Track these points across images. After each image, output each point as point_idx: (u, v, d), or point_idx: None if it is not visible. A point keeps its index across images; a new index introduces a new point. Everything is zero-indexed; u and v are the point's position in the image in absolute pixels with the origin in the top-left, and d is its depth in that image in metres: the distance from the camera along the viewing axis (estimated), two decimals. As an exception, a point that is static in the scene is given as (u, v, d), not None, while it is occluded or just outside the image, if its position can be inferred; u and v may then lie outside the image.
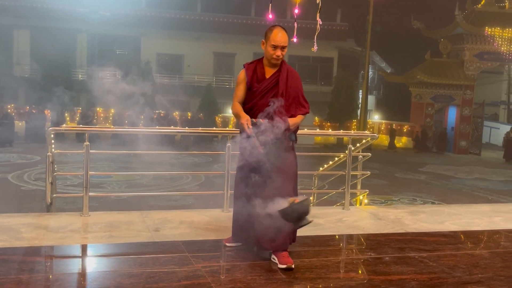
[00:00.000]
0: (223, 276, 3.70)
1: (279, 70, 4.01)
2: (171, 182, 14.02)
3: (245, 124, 3.77)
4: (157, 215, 5.28)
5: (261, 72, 4.00)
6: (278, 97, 3.92)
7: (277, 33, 3.90)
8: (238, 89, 4.04)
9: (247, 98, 4.00)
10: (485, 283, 3.78)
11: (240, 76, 4.05)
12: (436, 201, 13.53)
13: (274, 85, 3.97)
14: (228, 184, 5.58)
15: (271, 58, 3.95)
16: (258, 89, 3.96)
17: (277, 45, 3.89)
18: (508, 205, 8.07)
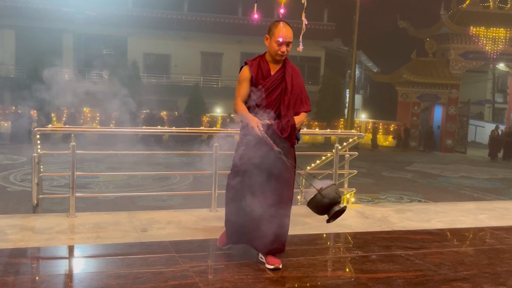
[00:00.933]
0: (211, 276, 3.70)
1: (284, 66, 3.90)
2: (158, 182, 13.97)
3: (255, 128, 3.62)
4: (145, 216, 5.27)
5: (266, 68, 3.86)
6: (285, 94, 3.83)
7: (282, 29, 3.75)
8: (241, 87, 3.85)
9: (252, 96, 3.85)
10: (470, 280, 3.82)
11: (243, 73, 3.86)
12: (422, 199, 13.63)
13: (280, 81, 3.86)
14: (216, 184, 5.59)
15: (275, 54, 3.82)
16: (265, 86, 3.82)
17: (282, 41, 3.76)
18: (493, 202, 8.15)
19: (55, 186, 12.52)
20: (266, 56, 3.89)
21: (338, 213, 3.67)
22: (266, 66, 3.86)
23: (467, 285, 3.71)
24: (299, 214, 5.64)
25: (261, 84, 3.81)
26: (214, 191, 5.54)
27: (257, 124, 3.64)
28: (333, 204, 3.63)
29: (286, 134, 3.75)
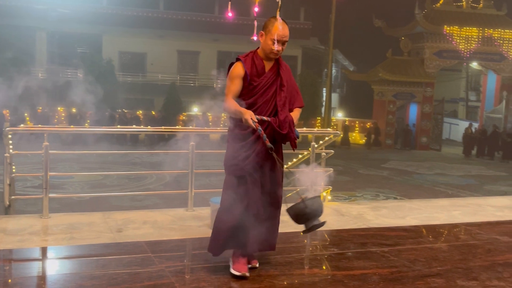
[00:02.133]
0: (187, 276, 3.68)
1: (277, 62, 3.75)
2: (135, 182, 13.86)
3: (249, 120, 3.44)
4: (120, 216, 5.22)
5: (260, 65, 3.67)
6: (281, 91, 3.69)
7: (279, 27, 3.58)
8: (233, 84, 3.65)
9: (246, 94, 3.65)
10: (444, 275, 3.88)
11: (236, 69, 3.66)
12: (398, 196, 13.80)
13: (275, 78, 3.71)
14: (192, 183, 5.56)
15: (269, 52, 3.64)
16: (260, 84, 3.65)
17: (278, 40, 3.59)
18: (466, 199, 8.30)
19: (28, 187, 12.32)
20: (259, 52, 3.71)
21: (315, 227, 3.59)
22: (260, 62, 3.69)
23: (441, 280, 3.77)
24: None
25: (256, 82, 3.65)
26: (191, 190, 5.52)
27: (251, 116, 3.47)
28: (313, 217, 3.54)
29: (285, 130, 3.59)
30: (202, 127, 7.54)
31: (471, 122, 28.84)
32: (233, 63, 3.73)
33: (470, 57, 28.82)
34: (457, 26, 27.92)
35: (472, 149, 26.02)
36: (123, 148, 19.47)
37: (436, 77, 28.93)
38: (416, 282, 3.70)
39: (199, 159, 5.69)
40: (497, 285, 3.72)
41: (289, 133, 3.61)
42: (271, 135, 3.60)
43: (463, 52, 28.23)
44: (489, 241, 4.90)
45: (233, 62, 3.73)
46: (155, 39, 31.77)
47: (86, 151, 11.29)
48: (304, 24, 34.66)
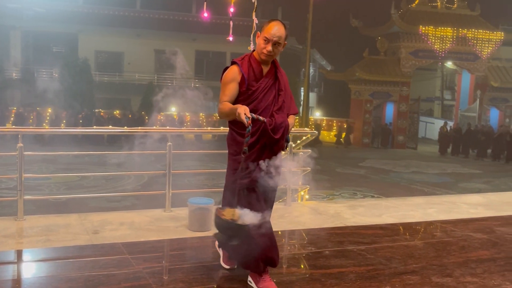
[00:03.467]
0: (165, 277, 3.67)
1: (274, 66, 3.56)
2: (112, 182, 13.73)
3: (242, 114, 3.17)
4: (96, 217, 5.17)
5: (258, 69, 3.47)
6: (279, 95, 3.50)
7: (273, 26, 3.38)
8: (227, 88, 3.42)
9: (244, 100, 3.41)
10: (419, 272, 3.94)
11: (232, 73, 3.43)
12: (375, 194, 13.94)
13: (273, 83, 3.51)
14: (170, 184, 5.54)
15: (261, 53, 3.42)
16: (259, 88, 3.44)
17: (269, 38, 3.37)
18: (441, 197, 8.43)
19: (3, 188, 12.13)
20: (255, 55, 3.50)
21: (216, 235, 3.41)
22: (258, 66, 3.47)
23: (416, 277, 3.83)
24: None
25: (255, 86, 3.44)
26: (168, 191, 5.50)
27: (245, 111, 3.20)
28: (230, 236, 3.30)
29: (278, 135, 3.39)
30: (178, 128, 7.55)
31: (446, 121, 29.30)
32: (227, 67, 3.51)
33: (445, 57, 29.29)
34: (432, 26, 28.34)
35: (447, 147, 26.45)
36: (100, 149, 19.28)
37: (412, 77, 29.31)
38: (392, 280, 3.75)
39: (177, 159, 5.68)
40: (470, 281, 3.80)
41: (280, 140, 3.42)
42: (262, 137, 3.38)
43: (438, 52, 28.66)
44: (463, 238, 4.99)
45: (228, 66, 3.52)
46: (132, 38, 31.50)
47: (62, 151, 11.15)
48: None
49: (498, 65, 30.21)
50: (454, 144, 26.24)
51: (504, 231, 5.31)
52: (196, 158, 15.80)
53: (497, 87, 29.47)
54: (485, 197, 7.44)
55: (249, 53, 3.55)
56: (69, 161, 16.11)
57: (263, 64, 3.49)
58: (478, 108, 29.08)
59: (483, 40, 29.15)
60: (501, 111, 30.32)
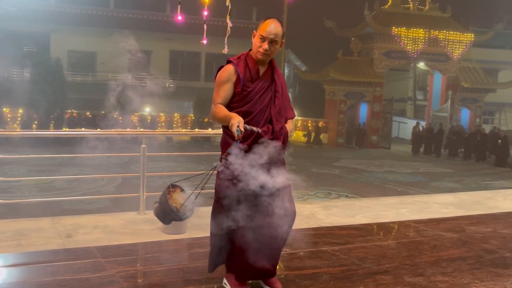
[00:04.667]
0: (140, 280, 3.66)
1: (271, 66, 3.40)
2: (85, 184, 13.56)
3: (234, 126, 3.02)
4: (69, 221, 5.11)
5: (255, 69, 3.31)
6: (275, 98, 3.34)
7: (269, 24, 3.25)
8: (222, 89, 3.26)
9: (239, 101, 3.27)
10: (392, 272, 4.01)
11: (226, 73, 3.28)
12: (349, 194, 14.08)
13: (269, 84, 3.35)
14: (144, 186, 5.51)
15: (257, 52, 3.28)
16: (254, 89, 3.28)
17: (265, 36, 3.23)
18: (413, 196, 8.57)
19: (-27, 191, 11.87)
20: (252, 54, 3.35)
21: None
22: (254, 66, 3.32)
23: (389, 277, 3.89)
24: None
25: (250, 87, 3.28)
26: (142, 193, 5.46)
27: (239, 123, 3.05)
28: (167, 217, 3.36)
29: (280, 142, 3.25)
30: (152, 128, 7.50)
31: (419, 121, 29.76)
32: (222, 66, 3.35)
33: (417, 58, 29.75)
34: (405, 27, 28.75)
35: (420, 147, 26.86)
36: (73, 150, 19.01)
37: (385, 77, 29.68)
38: (365, 280, 3.80)
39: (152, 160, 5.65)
40: (441, 280, 3.87)
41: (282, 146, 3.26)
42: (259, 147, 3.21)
43: (410, 53, 29.08)
44: (434, 238, 5.08)
45: (223, 65, 3.36)
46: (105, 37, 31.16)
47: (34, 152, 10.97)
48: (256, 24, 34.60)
49: (469, 66, 30.82)
50: (427, 144, 26.67)
51: (474, 230, 5.43)
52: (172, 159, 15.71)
53: (468, 88, 30.07)
54: (456, 197, 7.59)
55: (245, 52, 3.40)
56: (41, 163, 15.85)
57: (259, 64, 3.34)
58: (450, 108, 29.62)
59: (454, 41, 29.71)
60: (471, 111, 30.95)
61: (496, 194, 7.98)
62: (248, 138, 3.19)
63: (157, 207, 3.36)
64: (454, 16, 30.61)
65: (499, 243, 4.95)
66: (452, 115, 29.80)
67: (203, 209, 5.55)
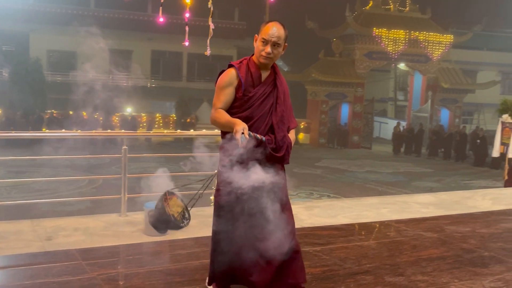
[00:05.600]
0: (121, 282, 3.64)
1: (274, 71, 3.32)
2: (66, 185, 13.41)
3: (239, 133, 2.91)
4: (49, 223, 5.05)
5: (257, 73, 3.22)
6: (277, 104, 3.25)
7: (271, 26, 3.18)
8: (222, 94, 3.16)
9: (240, 107, 3.18)
10: (372, 272, 4.05)
11: (228, 77, 3.19)
12: (331, 194, 14.16)
13: (272, 90, 3.26)
14: (126, 188, 5.47)
15: (259, 56, 3.19)
16: (256, 95, 3.18)
17: (267, 39, 3.15)
18: (394, 196, 8.65)
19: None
20: (254, 59, 3.27)
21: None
22: (256, 70, 3.23)
23: (370, 277, 3.93)
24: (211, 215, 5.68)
25: (252, 92, 3.18)
26: (124, 195, 5.43)
27: (244, 129, 2.95)
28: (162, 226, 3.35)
29: (281, 153, 3.18)
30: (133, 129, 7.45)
31: (399, 121, 30.03)
32: (223, 70, 3.27)
33: (397, 58, 30.04)
34: (386, 28, 29.01)
35: (400, 147, 27.12)
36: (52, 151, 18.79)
37: (366, 78, 29.91)
38: (346, 280, 3.84)
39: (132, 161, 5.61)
40: (421, 280, 3.92)
41: (285, 156, 3.22)
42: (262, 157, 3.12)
43: (391, 54, 29.35)
44: (414, 237, 5.15)
45: (224, 69, 3.27)
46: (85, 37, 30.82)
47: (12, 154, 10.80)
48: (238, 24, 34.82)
49: (448, 67, 31.22)
50: (407, 144, 26.94)
51: (453, 230, 5.51)
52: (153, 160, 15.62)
53: (447, 88, 30.45)
54: (436, 197, 7.68)
55: (247, 57, 3.32)
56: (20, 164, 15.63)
57: (262, 69, 3.25)
58: (430, 108, 29.96)
59: (434, 42, 30.06)
60: (451, 112, 31.36)
61: (475, 194, 8.11)
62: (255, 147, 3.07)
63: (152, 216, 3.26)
64: (434, 18, 31.00)
65: (478, 243, 5.03)
66: (432, 115, 30.15)
67: (185, 211, 5.54)
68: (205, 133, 6.14)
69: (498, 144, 12.77)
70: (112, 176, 5.83)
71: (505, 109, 12.65)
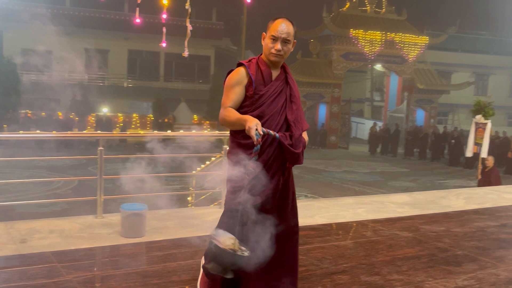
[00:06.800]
0: (98, 285, 3.61)
1: (284, 71, 3.24)
2: (41, 187, 13.22)
3: (253, 130, 2.80)
4: (24, 226, 4.97)
5: (267, 72, 3.13)
6: (291, 102, 3.16)
7: (280, 23, 3.11)
8: (232, 92, 3.08)
9: (250, 105, 3.08)
10: (349, 272, 4.09)
11: (237, 75, 3.10)
12: (309, 194, 14.24)
13: (283, 88, 3.17)
14: (102, 189, 5.42)
15: (269, 53, 3.11)
16: (267, 93, 3.09)
17: (277, 36, 3.08)
18: (370, 196, 8.74)
19: None
20: (263, 57, 3.19)
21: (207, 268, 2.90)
22: (266, 69, 3.14)
23: (346, 277, 3.97)
24: (188, 216, 5.68)
25: (262, 91, 3.09)
26: (100, 197, 5.38)
27: (257, 125, 2.83)
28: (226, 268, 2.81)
29: (300, 149, 3.07)
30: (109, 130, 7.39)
31: (376, 121, 30.35)
32: (232, 70, 3.18)
33: (374, 60, 30.36)
34: (362, 29, 29.28)
35: (377, 147, 27.41)
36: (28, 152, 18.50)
37: (343, 78, 30.14)
38: (323, 280, 3.87)
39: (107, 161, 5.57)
40: (397, 279, 3.98)
41: (300, 155, 3.08)
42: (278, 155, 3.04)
43: (367, 55, 29.63)
44: (390, 237, 5.21)
45: (232, 69, 3.19)
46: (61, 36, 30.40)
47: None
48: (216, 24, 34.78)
49: (424, 68, 31.67)
50: (383, 144, 27.24)
51: (428, 229, 5.60)
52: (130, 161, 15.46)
53: (423, 89, 30.89)
54: (411, 196, 7.79)
55: (256, 56, 3.22)
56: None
57: (272, 68, 3.17)
58: (406, 109, 30.35)
59: (409, 44, 30.45)
60: (426, 112, 31.82)
61: (449, 193, 8.24)
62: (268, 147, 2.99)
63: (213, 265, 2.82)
64: (410, 19, 31.42)
65: (452, 242, 5.12)
66: (408, 115, 30.55)
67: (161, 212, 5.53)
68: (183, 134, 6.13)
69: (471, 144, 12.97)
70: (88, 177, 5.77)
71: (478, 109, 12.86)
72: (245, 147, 2.99)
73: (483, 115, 12.80)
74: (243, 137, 2.96)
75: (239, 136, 3.03)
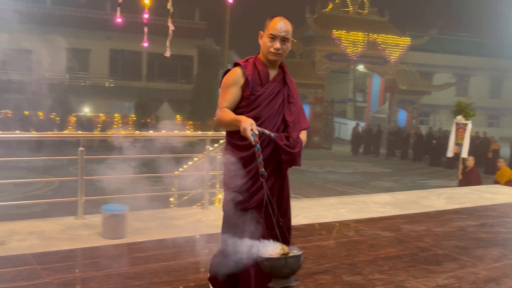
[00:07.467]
0: (78, 287, 3.58)
1: (282, 71, 3.18)
2: (21, 188, 13.04)
3: (248, 130, 2.77)
4: (2, 227, 4.90)
5: (264, 72, 3.08)
6: (289, 103, 3.12)
7: (278, 21, 3.10)
8: (228, 93, 3.03)
9: (247, 106, 3.03)
10: (331, 272, 4.10)
11: (234, 75, 3.05)
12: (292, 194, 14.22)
13: (281, 89, 3.12)
14: (83, 190, 5.37)
15: (268, 53, 3.06)
16: (264, 94, 3.04)
17: (276, 35, 3.05)
18: (352, 197, 8.79)
19: None
20: (260, 57, 3.13)
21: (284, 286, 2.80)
22: (264, 69, 3.08)
23: (328, 277, 3.98)
24: (170, 217, 5.65)
25: (259, 91, 3.04)
26: (80, 198, 5.32)
27: (252, 125, 2.80)
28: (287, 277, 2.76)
29: (297, 149, 3.02)
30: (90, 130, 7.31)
31: (358, 122, 30.54)
32: (228, 70, 3.14)
33: (357, 60, 30.56)
34: (345, 30, 29.46)
35: (359, 147, 27.57)
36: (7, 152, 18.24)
37: (326, 79, 30.29)
38: (305, 280, 3.87)
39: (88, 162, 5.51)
40: (378, 278, 4.00)
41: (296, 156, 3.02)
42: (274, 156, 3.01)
43: (350, 55, 29.82)
44: (372, 237, 5.24)
45: (229, 69, 3.14)
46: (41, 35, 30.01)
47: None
48: (199, 24, 34.67)
49: (406, 69, 31.97)
50: (366, 144, 27.42)
51: (409, 229, 5.64)
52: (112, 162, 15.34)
53: (405, 90, 31.18)
54: (393, 196, 7.85)
55: (253, 56, 3.17)
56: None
57: (270, 67, 3.11)
58: (388, 109, 30.59)
59: (391, 45, 30.73)
60: (408, 113, 32.12)
61: (431, 193, 8.32)
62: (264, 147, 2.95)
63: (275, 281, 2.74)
64: (392, 21, 31.71)
65: (432, 241, 5.17)
66: (390, 116, 30.80)
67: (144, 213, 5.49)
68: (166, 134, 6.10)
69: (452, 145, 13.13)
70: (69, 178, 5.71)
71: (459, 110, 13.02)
72: (241, 149, 2.98)
73: (464, 116, 12.96)
74: (239, 138, 2.93)
75: (235, 137, 3.01)
